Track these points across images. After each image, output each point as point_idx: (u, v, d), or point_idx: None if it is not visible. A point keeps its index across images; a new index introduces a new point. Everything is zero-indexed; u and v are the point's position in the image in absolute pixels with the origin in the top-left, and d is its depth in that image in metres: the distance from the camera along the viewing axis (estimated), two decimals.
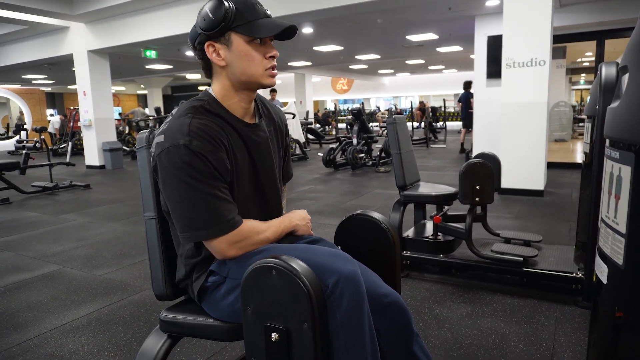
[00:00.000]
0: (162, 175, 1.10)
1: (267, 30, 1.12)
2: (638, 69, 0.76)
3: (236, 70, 1.14)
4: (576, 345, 1.87)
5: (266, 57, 1.16)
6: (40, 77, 15.54)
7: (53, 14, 7.50)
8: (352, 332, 1.00)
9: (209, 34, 1.11)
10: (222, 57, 1.14)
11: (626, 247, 0.76)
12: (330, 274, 1.00)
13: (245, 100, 1.20)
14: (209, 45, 1.13)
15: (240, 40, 1.12)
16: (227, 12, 1.09)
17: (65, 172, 8.62)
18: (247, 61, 1.14)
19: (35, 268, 3.11)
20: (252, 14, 1.13)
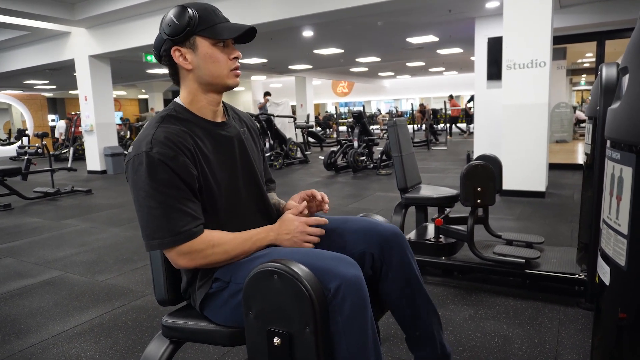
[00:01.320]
0: (129, 184, 1.13)
1: (230, 32, 1.18)
2: (638, 70, 0.76)
3: (202, 73, 1.19)
4: (580, 347, 1.86)
5: (230, 58, 1.21)
6: (42, 82, 15.59)
7: (54, 20, 7.54)
8: (354, 336, 1.00)
9: (175, 39, 1.16)
10: (189, 61, 1.18)
11: (628, 248, 0.76)
12: (333, 278, 1.00)
13: (213, 103, 1.24)
14: (175, 50, 1.17)
15: (205, 44, 1.17)
16: (190, 18, 1.14)
17: (67, 178, 8.63)
18: (213, 63, 1.18)
19: (37, 274, 3.11)
20: (214, 19, 1.18)
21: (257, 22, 6.42)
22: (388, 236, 1.25)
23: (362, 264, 1.24)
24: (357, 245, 1.25)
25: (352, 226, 1.29)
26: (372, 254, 1.25)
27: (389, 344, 1.94)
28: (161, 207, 1.08)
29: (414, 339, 1.33)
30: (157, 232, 1.09)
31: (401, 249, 1.25)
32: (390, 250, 1.24)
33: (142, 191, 1.09)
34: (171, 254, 1.12)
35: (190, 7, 1.16)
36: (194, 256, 1.12)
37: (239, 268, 1.14)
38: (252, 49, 10.27)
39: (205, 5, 1.19)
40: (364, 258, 1.24)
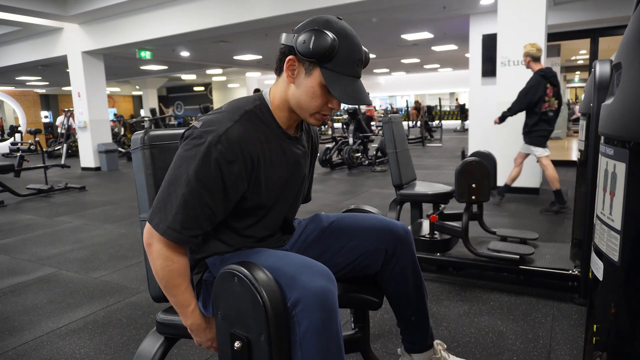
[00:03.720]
0: (177, 152, 1.09)
1: (345, 97, 1.08)
2: (631, 66, 0.76)
3: (296, 95, 1.12)
4: (573, 342, 1.88)
5: (327, 105, 1.13)
6: (34, 78, 15.46)
7: (46, 15, 7.46)
8: (311, 350, 0.95)
9: (297, 54, 1.08)
10: (294, 77, 1.11)
11: (621, 244, 0.76)
12: (294, 287, 0.96)
13: (293, 118, 1.19)
14: (290, 59, 1.09)
15: (318, 78, 1.08)
16: (326, 52, 1.04)
17: (61, 174, 8.57)
18: (310, 97, 1.10)
19: (30, 271, 3.09)
20: (347, 69, 1.08)
21: (252, 18, 6.39)
22: (401, 234, 1.32)
23: (375, 259, 1.31)
24: (371, 243, 1.30)
25: (363, 224, 1.33)
26: (386, 250, 1.31)
27: (384, 339, 1.95)
28: (186, 198, 1.03)
29: (409, 323, 1.42)
30: (164, 213, 1.04)
31: (411, 245, 1.35)
32: (402, 246, 1.32)
33: (184, 171, 1.04)
34: (152, 237, 1.07)
35: (335, 38, 1.04)
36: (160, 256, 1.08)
37: (225, 263, 1.14)
38: (246, 45, 10.23)
39: (353, 48, 1.08)
40: (378, 254, 1.31)
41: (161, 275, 1.09)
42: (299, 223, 1.39)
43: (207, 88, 22.63)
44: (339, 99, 1.09)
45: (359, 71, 1.13)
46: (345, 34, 1.08)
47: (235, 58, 12.31)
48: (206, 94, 22.59)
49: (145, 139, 1.25)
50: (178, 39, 7.87)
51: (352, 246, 1.30)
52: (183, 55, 11.40)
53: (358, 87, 1.11)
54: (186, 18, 7.00)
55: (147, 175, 1.24)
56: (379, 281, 1.37)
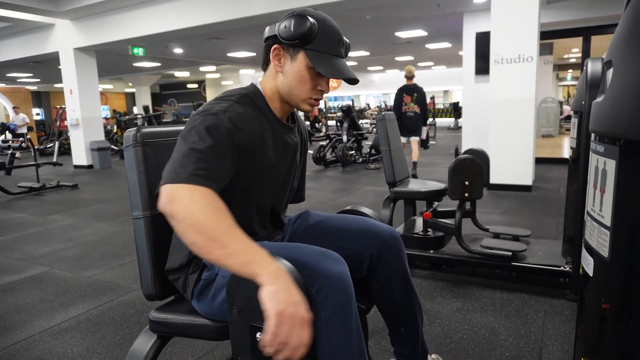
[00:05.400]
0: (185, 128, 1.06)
1: (331, 71, 1.11)
2: (622, 64, 0.77)
3: (285, 83, 1.16)
4: (564, 338, 1.89)
5: (316, 88, 1.16)
6: (26, 75, 15.30)
7: (38, 11, 7.39)
8: (337, 333, 0.99)
9: (281, 40, 1.12)
10: (281, 65, 1.15)
11: (611, 240, 0.77)
12: (317, 274, 0.99)
13: (285, 109, 1.22)
14: (275, 48, 1.14)
15: (303, 61, 1.12)
16: (307, 33, 1.09)
17: (53, 172, 8.50)
18: (298, 82, 1.14)
19: (22, 270, 3.07)
20: (329, 48, 1.12)
21: (246, 15, 6.37)
22: (387, 239, 1.26)
23: (360, 264, 1.26)
24: (356, 246, 1.26)
25: (350, 226, 1.29)
26: (370, 254, 1.26)
27: (378, 336, 1.96)
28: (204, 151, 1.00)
29: (398, 335, 1.37)
30: (182, 167, 0.97)
31: (398, 252, 1.27)
32: (388, 252, 1.26)
33: (195, 131, 1.02)
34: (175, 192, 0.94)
35: (314, 21, 1.10)
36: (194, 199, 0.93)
37: None
38: (240, 42, 10.19)
39: (333, 30, 1.13)
40: (362, 258, 1.25)
41: (206, 217, 0.90)
42: (289, 220, 1.39)
43: (200, 85, 22.52)
44: (325, 74, 1.11)
45: (342, 51, 1.16)
46: (323, 18, 1.13)
47: (229, 55, 12.26)
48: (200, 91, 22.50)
49: (138, 137, 1.24)
50: (171, 36, 7.82)
51: (335, 248, 1.23)
52: (176, 52, 11.33)
53: (343, 64, 1.14)
54: (179, 14, 6.96)
55: (139, 173, 1.23)
56: (367, 287, 1.32)
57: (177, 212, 0.92)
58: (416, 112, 5.98)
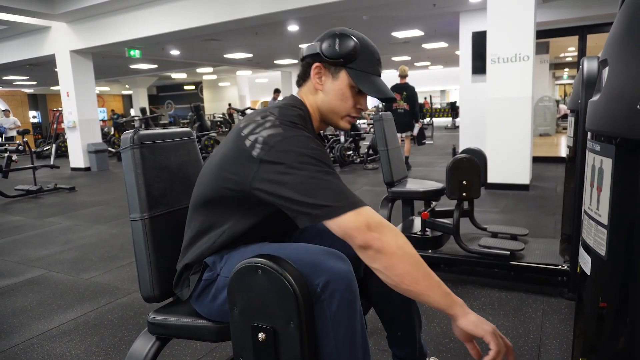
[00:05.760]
0: (283, 158, 1.00)
1: (373, 90, 1.15)
2: (617, 63, 0.77)
3: (326, 101, 1.18)
4: (562, 337, 1.90)
5: (356, 106, 1.19)
6: (22, 78, 15.26)
7: (34, 14, 7.37)
8: (342, 330, 1.00)
9: (324, 59, 1.14)
10: (322, 83, 1.17)
11: (608, 238, 0.78)
12: (322, 272, 1.00)
13: (321, 127, 1.25)
14: (317, 66, 1.16)
15: (345, 80, 1.15)
16: (351, 52, 1.12)
17: (50, 175, 8.48)
18: (340, 100, 1.17)
19: (20, 273, 3.06)
20: (371, 67, 1.16)
21: (242, 16, 6.36)
22: None
23: (357, 265, 1.24)
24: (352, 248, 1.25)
25: None
26: None
27: (377, 337, 1.96)
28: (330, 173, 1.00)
29: (395, 338, 1.37)
30: (340, 194, 0.98)
31: None
32: None
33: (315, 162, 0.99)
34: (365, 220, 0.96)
35: (358, 41, 1.12)
36: (385, 232, 0.97)
37: (228, 261, 1.13)
38: (237, 44, 10.18)
39: (373, 49, 1.17)
40: (359, 260, 1.21)
41: (412, 250, 0.99)
42: None
43: (197, 87, 22.50)
44: (369, 93, 1.15)
45: (380, 70, 1.20)
46: (363, 37, 1.16)
47: (225, 56, 12.25)
48: (197, 92, 22.46)
49: (135, 139, 1.24)
50: (168, 38, 7.81)
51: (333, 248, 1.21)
52: (173, 54, 11.32)
53: (382, 82, 1.18)
54: (176, 16, 6.95)
55: (137, 175, 1.23)
56: (364, 289, 1.30)
57: (388, 245, 0.97)
58: (405, 109, 6.57)
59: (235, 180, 1.07)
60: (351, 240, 0.98)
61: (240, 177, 1.05)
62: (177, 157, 1.36)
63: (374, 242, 0.96)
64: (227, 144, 1.11)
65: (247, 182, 1.04)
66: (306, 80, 1.20)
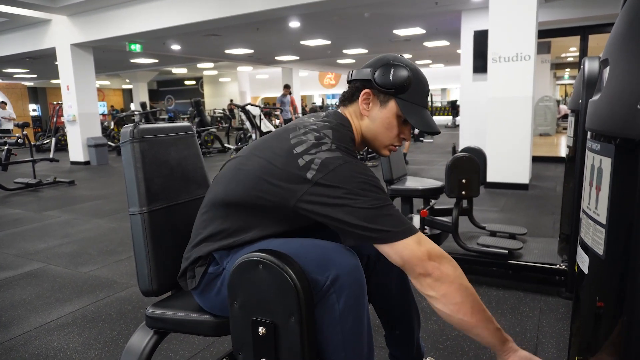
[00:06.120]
0: (343, 183, 1.01)
1: (422, 124, 1.14)
2: (618, 63, 0.77)
3: (371, 127, 1.17)
4: (559, 335, 1.91)
5: (399, 136, 1.19)
6: (22, 71, 15.23)
7: (34, 6, 7.34)
8: (349, 323, 1.01)
9: (376, 86, 1.13)
10: (369, 110, 1.16)
11: (606, 238, 0.78)
12: (331, 266, 1.00)
13: (360, 149, 1.24)
14: (366, 92, 1.15)
15: (393, 110, 1.14)
16: (404, 84, 1.11)
17: (49, 169, 8.48)
18: (385, 129, 1.16)
19: (18, 266, 3.06)
20: (420, 100, 1.16)
21: (244, 11, 6.35)
22: None
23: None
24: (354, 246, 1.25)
25: None
26: (368, 255, 1.26)
27: (375, 334, 1.95)
28: (388, 201, 1.03)
29: (393, 337, 1.37)
30: (397, 221, 1.01)
31: None
32: None
33: (375, 188, 1.02)
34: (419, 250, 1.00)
35: (413, 74, 1.12)
36: (444, 262, 1.01)
37: (234, 256, 1.12)
38: (238, 39, 10.16)
39: (424, 81, 1.16)
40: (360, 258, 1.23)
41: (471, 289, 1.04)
42: None
43: (198, 82, 22.46)
44: (417, 127, 1.14)
45: (427, 102, 1.20)
46: (416, 68, 1.15)
47: (226, 52, 12.23)
48: (197, 87, 22.43)
49: (135, 133, 1.24)
50: (169, 32, 7.79)
51: None
52: (174, 49, 11.30)
53: (429, 116, 1.18)
54: (177, 11, 6.94)
55: (136, 169, 1.24)
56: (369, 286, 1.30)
57: (447, 275, 1.01)
58: None
59: (277, 193, 1.05)
60: (411, 268, 1.01)
61: (285, 192, 1.04)
62: (176, 151, 1.36)
63: (434, 270, 1.00)
64: (271, 156, 1.08)
65: (292, 200, 1.03)
66: (352, 103, 1.19)
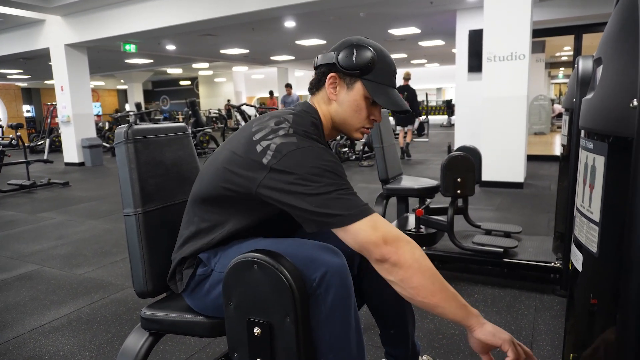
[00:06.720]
0: (295, 168, 0.99)
1: (389, 103, 1.12)
2: (611, 61, 0.78)
3: (340, 111, 1.16)
4: (554, 333, 1.91)
5: (369, 117, 1.18)
6: (16, 72, 15.13)
7: (28, 7, 7.29)
8: (337, 324, 1.01)
9: (339, 69, 1.12)
10: (336, 93, 1.15)
11: (600, 235, 0.78)
12: (318, 266, 1.00)
13: (332, 135, 1.23)
14: (332, 76, 1.14)
15: (360, 91, 1.13)
16: (368, 63, 1.10)
17: (43, 170, 8.43)
18: (354, 112, 1.15)
19: (12, 268, 3.04)
20: (387, 79, 1.14)
21: (239, 11, 6.34)
22: None
23: (351, 263, 1.23)
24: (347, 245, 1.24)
25: None
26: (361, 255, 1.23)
27: (370, 333, 1.96)
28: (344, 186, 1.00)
29: (388, 336, 1.37)
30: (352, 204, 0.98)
31: None
32: None
33: (331, 173, 0.99)
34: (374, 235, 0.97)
35: (375, 52, 1.11)
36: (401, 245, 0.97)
37: (222, 256, 1.12)
38: (233, 39, 10.14)
39: (389, 60, 1.15)
40: (353, 257, 1.24)
41: (432, 269, 1.00)
42: None
43: (193, 82, 22.39)
44: (384, 105, 1.12)
45: (395, 81, 1.18)
46: (380, 48, 1.15)
47: (221, 52, 12.20)
48: (192, 88, 22.36)
49: (129, 133, 1.24)
50: (163, 32, 7.77)
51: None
52: (169, 49, 11.26)
53: (397, 94, 1.17)
54: (172, 11, 6.91)
55: (130, 170, 1.23)
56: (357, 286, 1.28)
57: (404, 258, 0.97)
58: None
59: (239, 183, 1.06)
60: (368, 253, 0.99)
61: (246, 180, 1.04)
62: (171, 152, 1.35)
63: (390, 255, 0.97)
64: (235, 145, 1.09)
65: (253, 187, 1.03)
66: (320, 89, 1.18)
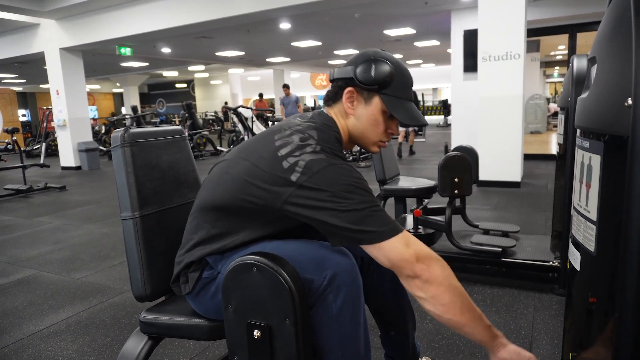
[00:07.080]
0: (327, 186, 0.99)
1: (407, 118, 1.12)
2: (605, 60, 0.78)
3: (358, 126, 1.15)
4: (553, 332, 1.92)
5: (387, 131, 1.17)
6: (11, 76, 15.07)
7: (22, 11, 7.27)
8: (346, 324, 1.02)
9: (358, 83, 1.11)
10: (353, 108, 1.14)
11: (597, 234, 0.78)
12: (328, 266, 1.01)
13: (348, 147, 1.22)
14: (350, 91, 1.13)
15: (378, 106, 1.12)
16: (386, 78, 1.09)
17: (40, 174, 8.39)
18: (372, 126, 1.15)
19: (10, 273, 3.02)
20: (404, 93, 1.13)
21: (234, 13, 6.33)
22: None
23: None
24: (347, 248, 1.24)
25: None
26: (362, 257, 1.26)
27: (370, 334, 1.96)
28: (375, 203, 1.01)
29: (388, 338, 1.38)
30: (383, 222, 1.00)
31: None
32: None
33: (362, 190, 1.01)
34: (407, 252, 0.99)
35: (394, 68, 1.10)
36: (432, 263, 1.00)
37: (229, 259, 1.11)
38: (229, 41, 10.13)
39: (407, 74, 1.14)
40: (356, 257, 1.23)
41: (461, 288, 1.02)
42: None
43: (189, 85, 22.36)
44: (403, 121, 1.12)
45: (412, 94, 1.18)
46: (397, 61, 1.13)
47: (217, 54, 12.19)
48: (189, 90, 22.33)
49: (126, 137, 1.23)
50: (159, 35, 7.75)
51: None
52: (164, 52, 11.24)
53: (415, 108, 1.16)
54: (167, 13, 6.90)
55: (127, 173, 1.23)
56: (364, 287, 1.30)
57: (435, 276, 0.99)
58: None
59: (262, 196, 1.04)
60: (399, 270, 1.00)
61: (271, 194, 1.03)
62: (168, 155, 1.35)
63: (422, 272, 0.99)
64: (256, 158, 1.07)
65: (278, 202, 1.02)
66: (336, 102, 1.17)
